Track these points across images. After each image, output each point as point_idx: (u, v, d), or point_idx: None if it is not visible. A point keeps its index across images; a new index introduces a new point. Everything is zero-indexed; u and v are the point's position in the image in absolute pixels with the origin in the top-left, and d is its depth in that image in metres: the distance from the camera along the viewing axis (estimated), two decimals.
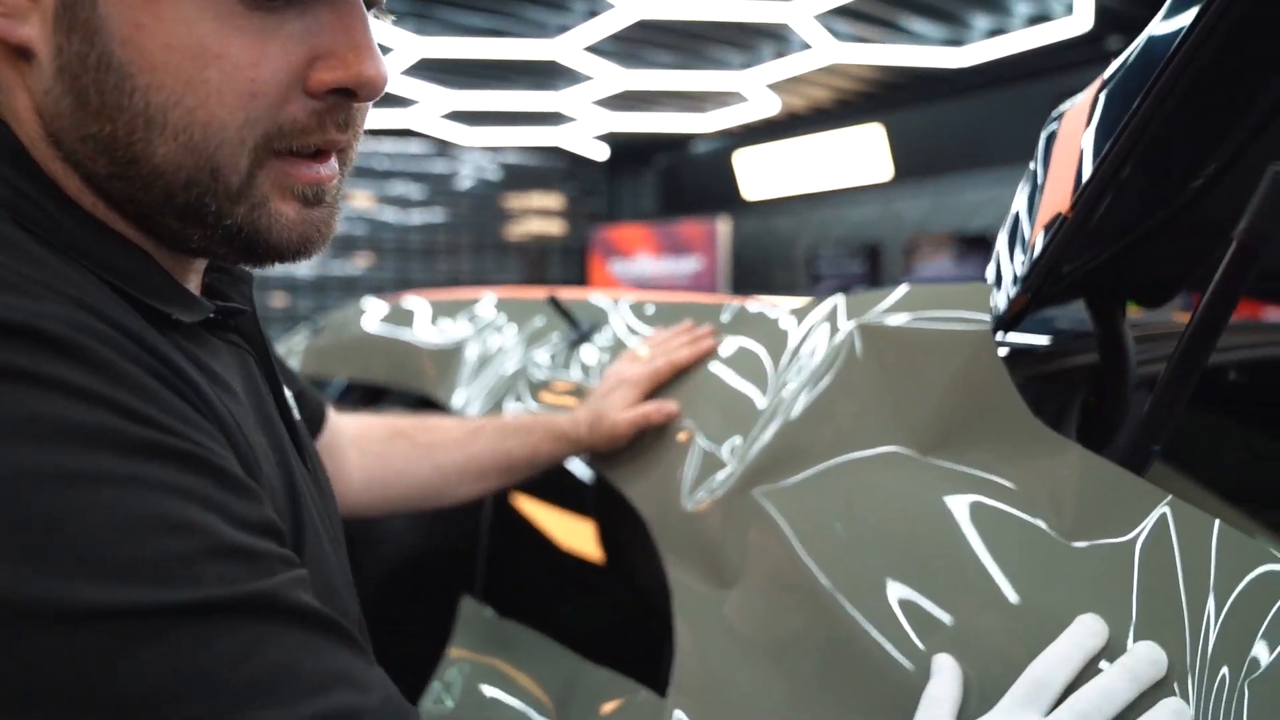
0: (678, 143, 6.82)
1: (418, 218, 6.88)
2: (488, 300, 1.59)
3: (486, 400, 1.24)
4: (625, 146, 7.05)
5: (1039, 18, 4.14)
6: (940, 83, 5.09)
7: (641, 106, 5.71)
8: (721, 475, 0.77)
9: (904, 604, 0.55)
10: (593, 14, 4.06)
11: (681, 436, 0.85)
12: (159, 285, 0.46)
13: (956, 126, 5.41)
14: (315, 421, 0.79)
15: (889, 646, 0.54)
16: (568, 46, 4.36)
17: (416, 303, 1.87)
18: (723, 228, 6.45)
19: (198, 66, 0.42)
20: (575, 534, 1.07)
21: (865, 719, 0.52)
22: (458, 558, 1.44)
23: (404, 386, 1.63)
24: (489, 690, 0.90)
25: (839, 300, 0.80)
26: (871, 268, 5.86)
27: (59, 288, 0.39)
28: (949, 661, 0.50)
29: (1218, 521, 0.49)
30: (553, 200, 7.49)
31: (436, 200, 6.95)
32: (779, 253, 6.46)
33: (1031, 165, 0.66)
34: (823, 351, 0.76)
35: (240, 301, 0.54)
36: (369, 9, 0.47)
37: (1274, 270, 0.65)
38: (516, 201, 7.32)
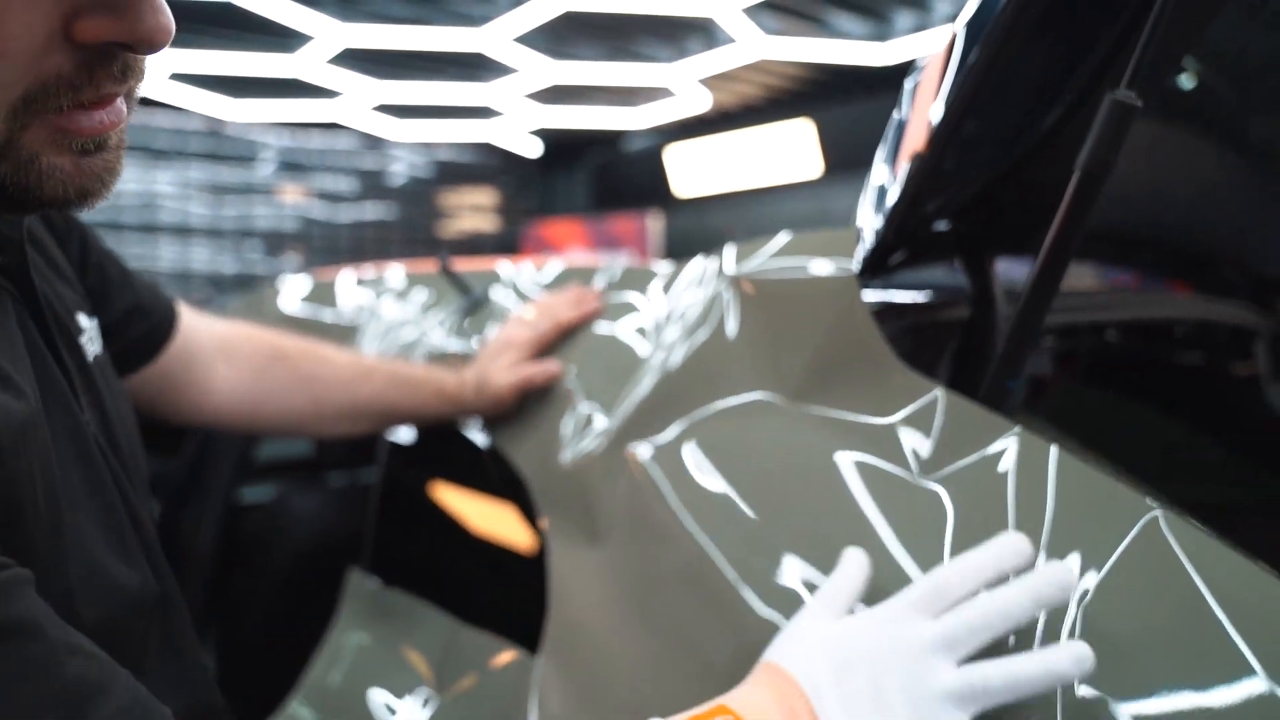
0: (610, 139, 6.82)
1: (348, 214, 6.76)
2: (395, 272, 1.56)
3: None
4: (558, 143, 7.02)
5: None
6: (870, 79, 5.16)
7: (572, 101, 5.68)
8: (598, 428, 0.76)
9: (771, 552, 0.54)
10: (518, 4, 4.03)
11: (564, 396, 0.84)
12: None
13: (886, 122, 5.49)
14: (159, 333, 0.75)
15: (755, 598, 0.53)
16: (494, 37, 4.32)
17: (334, 278, 1.83)
18: (653, 223, 6.46)
19: None
20: (464, 502, 1.05)
21: (732, 670, 0.51)
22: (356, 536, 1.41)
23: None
24: (370, 661, 0.88)
25: (723, 251, 0.79)
26: None
27: None
28: (857, 554, 0.48)
29: (1054, 448, 0.49)
30: (486, 196, 7.43)
31: (368, 196, 6.84)
32: (711, 248, 6.50)
33: (895, 115, 0.66)
34: (700, 305, 0.75)
35: (11, 234, 0.50)
36: None
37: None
38: (449, 198, 7.24)
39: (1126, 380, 1.01)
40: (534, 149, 7.10)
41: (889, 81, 5.11)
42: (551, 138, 6.80)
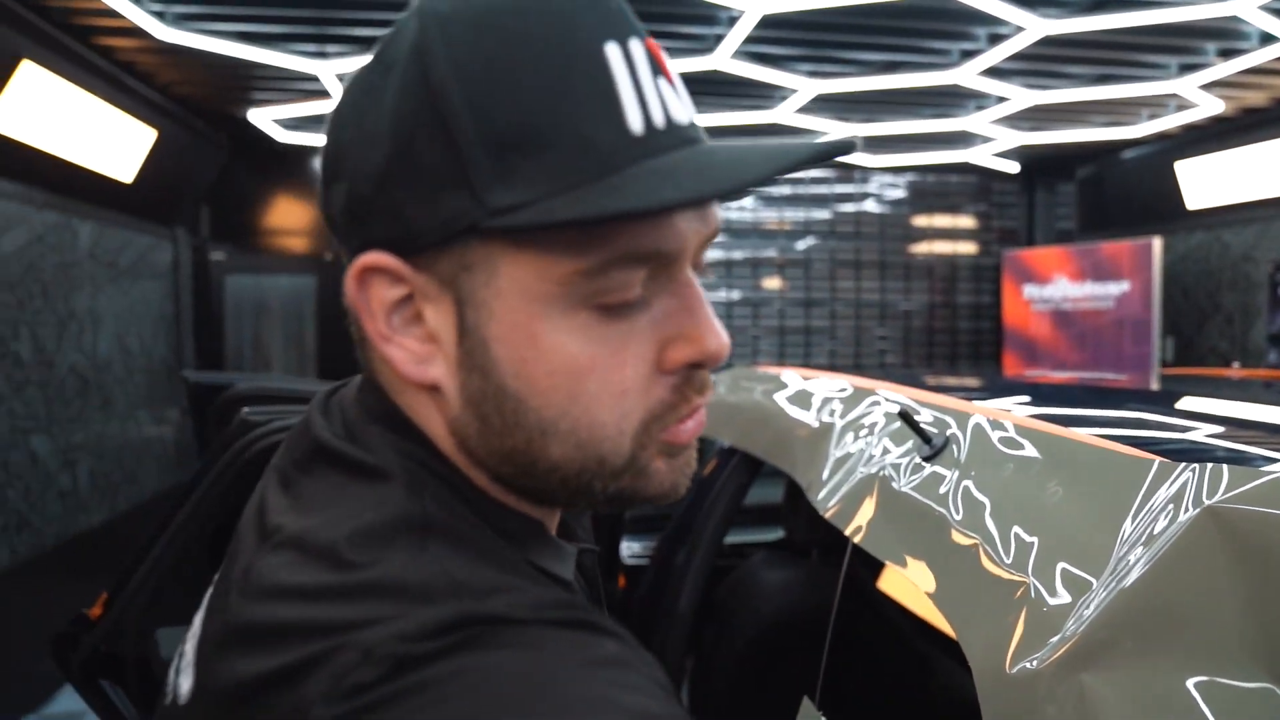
0: (1103, 151, 6.21)
1: (820, 239, 7.01)
2: (853, 388, 1.64)
3: (846, 499, 1.30)
4: (1040, 159, 6.57)
5: None
6: None
7: (1058, 119, 5.30)
8: (1052, 641, 0.76)
9: None
10: (995, 38, 3.88)
11: (1019, 587, 0.84)
12: (543, 546, 0.54)
13: None
14: None
15: None
16: (969, 73, 4.21)
17: (792, 377, 1.96)
18: (1156, 246, 5.74)
19: (576, 382, 0.49)
20: (914, 662, 1.08)
21: None
22: (812, 637, 1.51)
23: (776, 465, 1.73)
24: None
25: (1197, 470, 0.74)
26: None
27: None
28: None
29: None
30: (961, 219, 7.21)
31: (839, 221, 7.03)
32: (1229, 273, 5.60)
33: None
34: (1169, 525, 0.72)
35: (583, 536, 0.64)
36: (669, 263, 0.50)
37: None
38: (922, 221, 7.15)
39: None
40: (1012, 167, 6.72)
41: None
42: (1032, 155, 6.39)
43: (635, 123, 0.47)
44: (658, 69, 0.49)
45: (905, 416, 1.16)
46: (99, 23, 3.71)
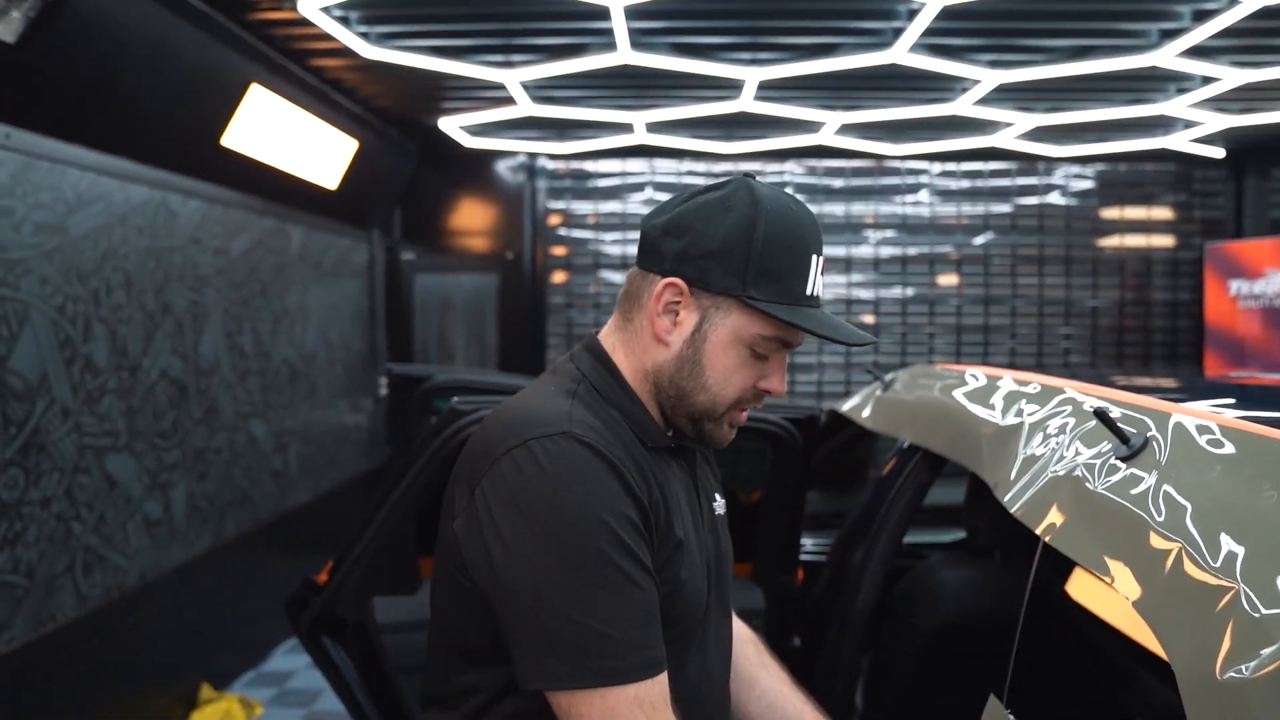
0: None
1: (1000, 234, 6.75)
2: (1041, 386, 1.60)
3: (1036, 498, 1.29)
4: (1251, 143, 6.07)
5: None
6: None
7: (1272, 102, 4.89)
8: (1266, 652, 0.75)
9: None
10: (1201, 15, 3.63)
11: (1226, 594, 0.83)
12: (649, 428, 1.10)
13: None
14: None
15: None
16: (1168, 53, 3.95)
17: (982, 376, 1.94)
18: None
19: (728, 374, 1.09)
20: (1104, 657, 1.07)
21: None
22: (993, 638, 1.50)
23: (960, 462, 1.72)
24: None
25: None
26: None
27: (606, 424, 1.05)
28: None
29: None
30: (1156, 210, 6.76)
31: (1021, 215, 6.74)
32: None
33: None
34: None
35: (694, 449, 1.19)
36: (787, 348, 1.10)
37: None
38: (1112, 213, 6.76)
39: None
40: (1216, 152, 6.24)
41: None
42: (1240, 138, 5.91)
43: (809, 290, 1.08)
44: (820, 269, 1.08)
45: (1102, 415, 1.15)
46: (314, 46, 4.05)
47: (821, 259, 1.08)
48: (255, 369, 4.36)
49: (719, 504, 1.24)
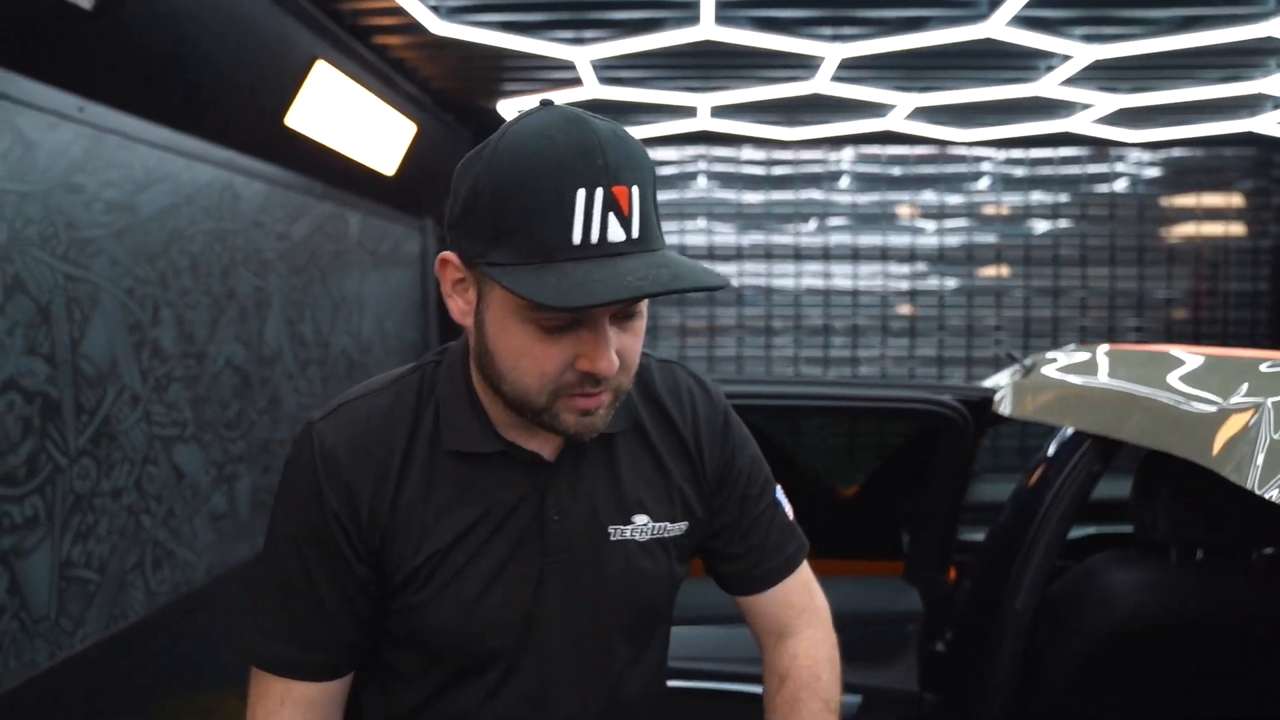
0: None
1: (1071, 223, 6.52)
2: (1258, 364, 1.42)
3: None
4: None
5: None
6: None
7: None
8: None
9: None
10: None
11: None
12: (460, 429, 0.94)
13: None
14: (757, 581, 1.12)
15: None
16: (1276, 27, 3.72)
17: (1164, 355, 1.75)
18: None
19: (517, 358, 0.86)
20: None
21: None
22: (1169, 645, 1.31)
23: (1163, 448, 1.53)
24: None
25: None
26: None
27: (388, 415, 0.95)
28: None
29: None
30: (1234, 197, 6.49)
31: (1089, 205, 6.50)
32: None
33: None
34: None
35: (544, 457, 0.98)
36: (613, 323, 0.85)
37: None
38: (1188, 200, 6.50)
39: None
40: None
41: None
42: None
43: (576, 237, 0.79)
44: (614, 206, 0.79)
45: None
46: (381, 21, 3.91)
47: (610, 191, 0.78)
48: (315, 358, 4.23)
49: (640, 521, 1.01)
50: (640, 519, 1.01)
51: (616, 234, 0.79)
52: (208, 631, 3.25)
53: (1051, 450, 1.91)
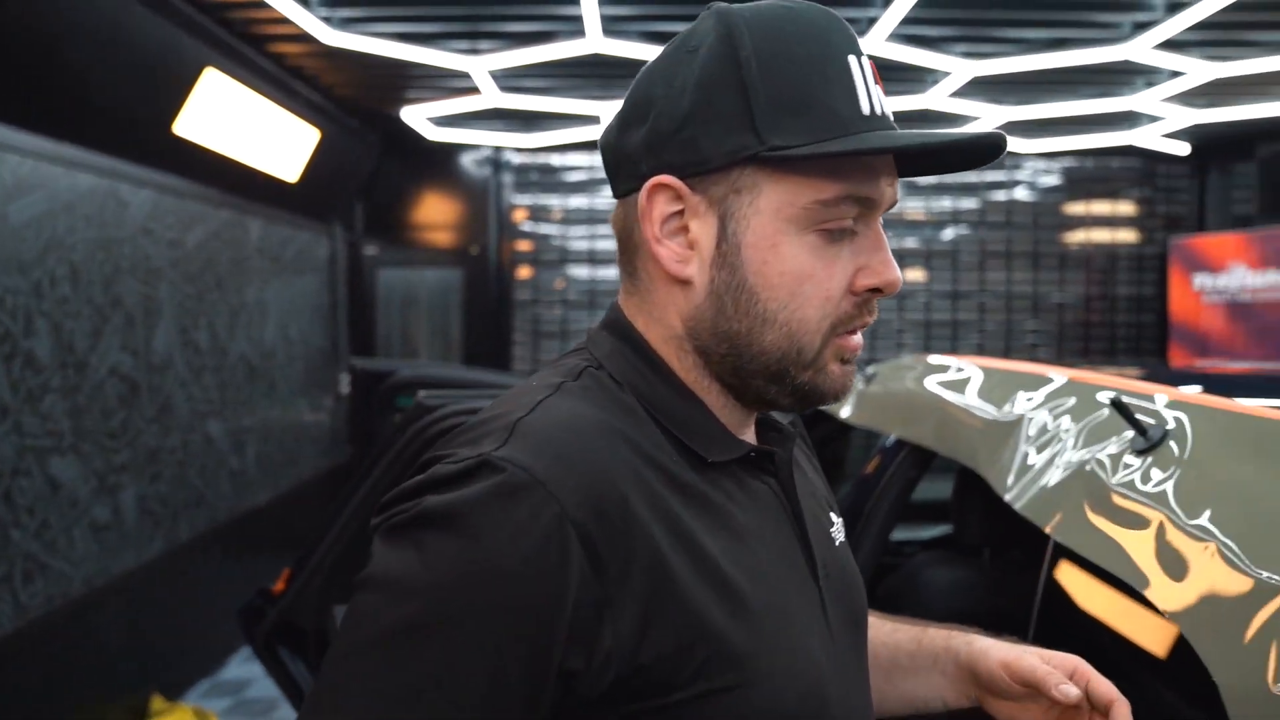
0: None
1: (969, 228, 6.75)
2: (1045, 381, 1.54)
3: (1045, 494, 1.22)
4: (1215, 139, 6.11)
5: None
6: None
7: (1238, 97, 4.91)
8: None
9: None
10: (1174, 6, 3.61)
11: (1271, 596, 0.77)
12: (706, 434, 0.69)
13: None
14: None
15: None
16: (1142, 46, 3.93)
17: (971, 368, 1.87)
18: None
19: (798, 283, 0.66)
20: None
21: None
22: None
23: (952, 455, 1.65)
24: None
25: None
26: None
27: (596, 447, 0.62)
28: None
29: None
30: (1122, 206, 6.79)
31: (989, 210, 6.74)
32: None
33: None
34: None
35: (782, 453, 0.75)
36: (874, 209, 0.68)
37: None
38: (1078, 208, 6.78)
39: None
40: (1181, 148, 6.27)
41: None
42: (1205, 134, 5.95)
43: (865, 107, 0.66)
44: (873, 78, 0.68)
45: (1119, 406, 1.08)
46: (272, 30, 3.91)
47: (867, 60, 0.68)
48: (211, 365, 4.20)
49: (836, 525, 0.81)
50: (835, 517, 0.82)
51: (887, 107, 0.68)
52: (86, 642, 3.22)
53: (875, 457, 2.02)
